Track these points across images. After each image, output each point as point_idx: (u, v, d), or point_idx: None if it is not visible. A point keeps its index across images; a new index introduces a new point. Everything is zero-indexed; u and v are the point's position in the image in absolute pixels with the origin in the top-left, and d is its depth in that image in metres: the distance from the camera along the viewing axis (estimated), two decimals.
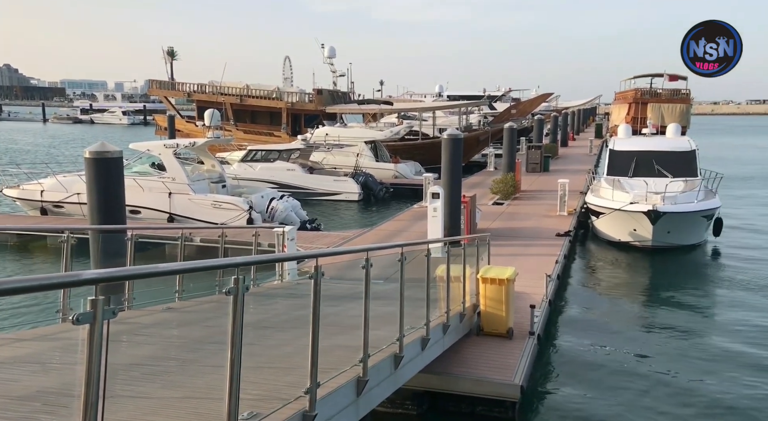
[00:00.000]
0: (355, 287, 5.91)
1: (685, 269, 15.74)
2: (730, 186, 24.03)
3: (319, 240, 16.24)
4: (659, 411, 8.07)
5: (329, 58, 41.68)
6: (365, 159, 29.46)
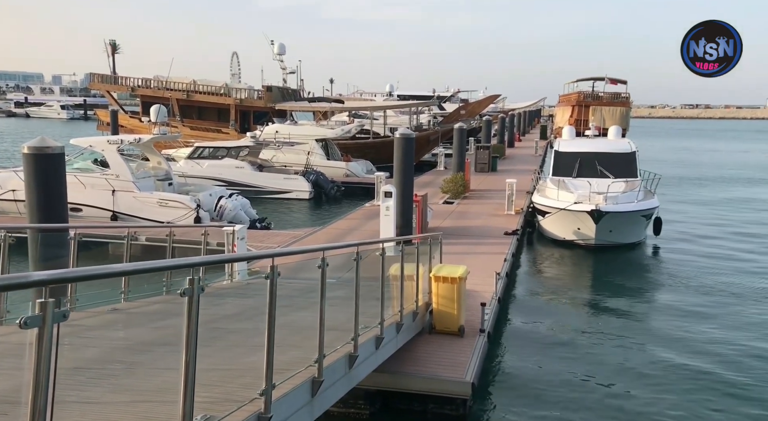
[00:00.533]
0: (307, 286, 5.87)
1: (626, 267, 16.36)
2: (667, 186, 25.13)
3: (269, 239, 16.04)
4: (606, 406, 8.36)
5: (279, 54, 41.16)
6: (316, 157, 29.28)
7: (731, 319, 12.00)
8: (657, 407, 8.29)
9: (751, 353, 10.27)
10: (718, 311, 12.49)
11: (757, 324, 11.71)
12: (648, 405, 8.34)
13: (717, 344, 10.67)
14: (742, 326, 11.59)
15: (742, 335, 11.10)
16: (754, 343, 10.73)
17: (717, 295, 13.54)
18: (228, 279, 9.68)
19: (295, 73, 42.57)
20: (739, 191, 30.56)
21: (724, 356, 10.12)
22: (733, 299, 13.30)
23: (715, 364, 9.79)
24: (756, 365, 9.76)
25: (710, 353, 10.22)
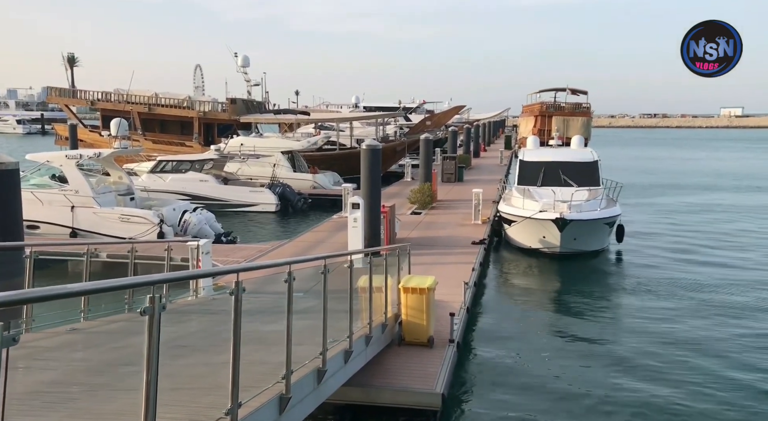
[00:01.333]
0: (274, 300, 5.77)
1: (591, 274, 16.62)
2: (629, 194, 25.71)
3: (235, 253, 15.81)
4: (575, 413, 8.42)
5: (243, 67, 40.94)
6: (282, 169, 29.06)
7: (694, 321, 12.27)
8: (628, 413, 8.38)
9: (717, 355, 10.49)
10: (681, 314, 12.76)
11: (720, 326, 11.99)
12: (618, 412, 8.42)
13: (682, 346, 10.87)
14: (706, 328, 11.85)
15: (706, 337, 11.35)
16: (720, 345, 10.98)
17: (680, 299, 13.85)
18: (193, 295, 9.47)
19: (259, 85, 42.39)
20: (698, 198, 31.47)
21: (690, 359, 10.31)
22: (695, 302, 13.61)
23: (680, 366, 9.97)
24: (721, 367, 9.95)
25: (676, 356, 10.41)
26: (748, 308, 13.26)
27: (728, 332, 11.73)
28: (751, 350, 10.76)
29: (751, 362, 10.25)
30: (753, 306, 13.42)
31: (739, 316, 12.72)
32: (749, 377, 9.64)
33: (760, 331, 11.81)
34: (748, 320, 12.46)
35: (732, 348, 10.84)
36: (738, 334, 11.60)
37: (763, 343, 11.12)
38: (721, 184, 37.60)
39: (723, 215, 25.91)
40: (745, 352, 10.68)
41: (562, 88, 54.77)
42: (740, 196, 32.00)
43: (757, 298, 14.01)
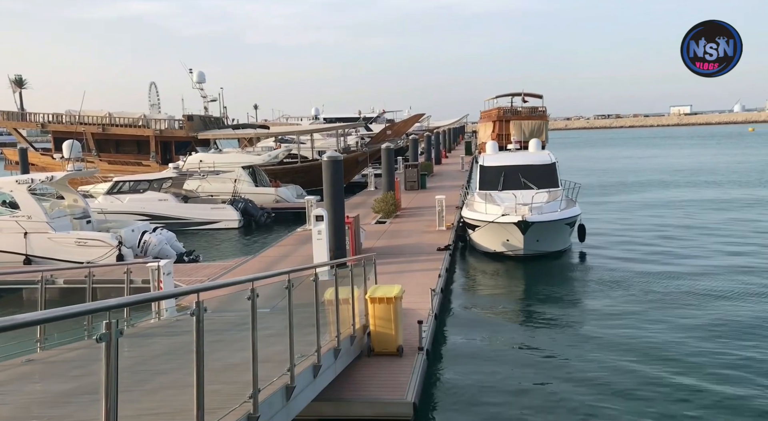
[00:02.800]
0: (240, 318, 5.68)
1: (555, 275, 16.87)
2: (588, 194, 26.29)
3: (198, 272, 15.53)
4: (546, 416, 8.47)
5: (198, 83, 40.49)
6: (244, 184, 28.76)
7: (658, 317, 12.52)
8: (598, 414, 8.47)
9: (682, 350, 10.71)
10: (645, 309, 13.04)
11: (682, 320, 12.27)
12: (588, 413, 8.51)
13: (648, 345, 11.06)
14: (668, 322, 12.13)
15: (670, 332, 11.62)
16: (683, 338, 11.24)
17: (643, 294, 14.15)
18: (155, 317, 9.25)
19: (216, 100, 41.95)
20: (654, 194, 32.38)
21: (655, 355, 10.48)
22: (658, 296, 13.92)
23: (648, 363, 10.11)
24: (688, 362, 10.10)
25: (642, 353, 10.56)
26: (711, 298, 13.66)
27: (691, 324, 12.04)
28: (712, 343, 11.07)
29: (714, 357, 10.53)
30: (714, 295, 13.85)
31: (701, 307, 13.07)
32: (715, 374, 9.89)
33: (720, 319, 12.16)
34: (710, 310, 12.82)
35: (695, 343, 11.09)
36: (699, 325, 11.92)
37: (721, 331, 11.46)
38: (675, 181, 38.78)
39: (679, 210, 26.70)
40: (707, 345, 10.97)
41: (517, 93, 55.71)
42: (694, 191, 33.04)
43: (716, 287, 14.44)
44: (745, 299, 13.65)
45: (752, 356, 10.29)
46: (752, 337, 11.22)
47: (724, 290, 14.30)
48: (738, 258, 17.46)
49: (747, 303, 13.32)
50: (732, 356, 10.29)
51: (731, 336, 11.30)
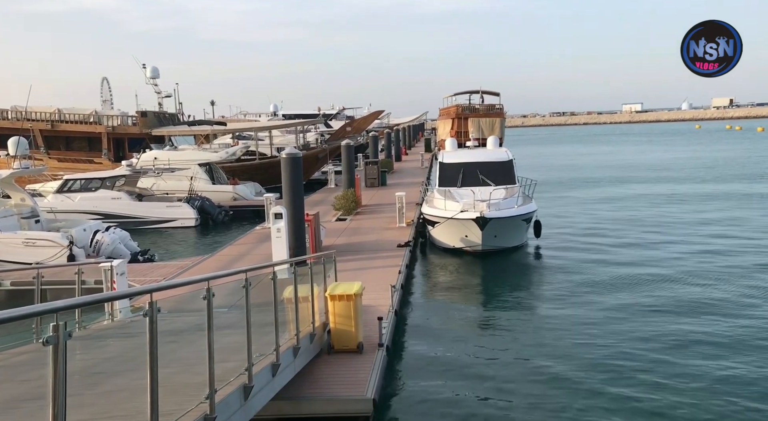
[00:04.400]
0: (197, 318, 5.59)
1: (512, 270, 17.17)
2: (543, 190, 26.82)
3: (153, 272, 15.19)
4: (505, 410, 8.61)
5: (152, 78, 39.59)
6: (200, 182, 28.25)
7: (612, 309, 12.86)
8: (556, 408, 8.66)
9: (636, 340, 11.03)
10: (599, 301, 13.40)
11: (637, 311, 12.65)
12: (546, 407, 8.69)
13: (603, 334, 11.37)
14: (622, 314, 12.48)
15: (625, 324, 11.95)
16: (637, 329, 11.59)
17: (597, 287, 14.52)
18: (109, 319, 9.02)
19: (171, 96, 41.08)
20: (608, 189, 33.26)
21: (611, 347, 10.74)
22: (612, 288, 14.32)
23: (604, 357, 10.32)
24: (644, 354, 10.38)
25: (599, 348, 10.80)
26: (659, 285, 14.19)
27: (642, 312, 12.44)
28: (664, 326, 11.48)
29: (670, 339, 10.92)
30: (663, 282, 14.42)
31: (651, 294, 13.55)
32: (671, 357, 10.25)
33: (669, 304, 12.62)
34: (660, 296, 13.29)
35: (649, 332, 11.45)
36: (651, 310, 12.36)
37: (671, 315, 11.90)
38: (628, 176, 39.91)
39: (631, 204, 27.53)
40: (655, 331, 11.37)
41: (475, 90, 56.48)
42: (647, 187, 34.08)
43: (665, 275, 14.98)
44: (693, 284, 14.33)
45: (705, 330, 10.91)
46: (700, 315, 11.98)
47: (673, 278, 14.92)
48: (684, 246, 18.23)
49: (695, 287, 14.01)
50: (683, 337, 10.80)
51: (681, 317, 11.96)
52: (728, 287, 14.08)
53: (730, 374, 9.39)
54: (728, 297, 13.34)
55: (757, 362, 9.82)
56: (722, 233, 20.41)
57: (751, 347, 10.46)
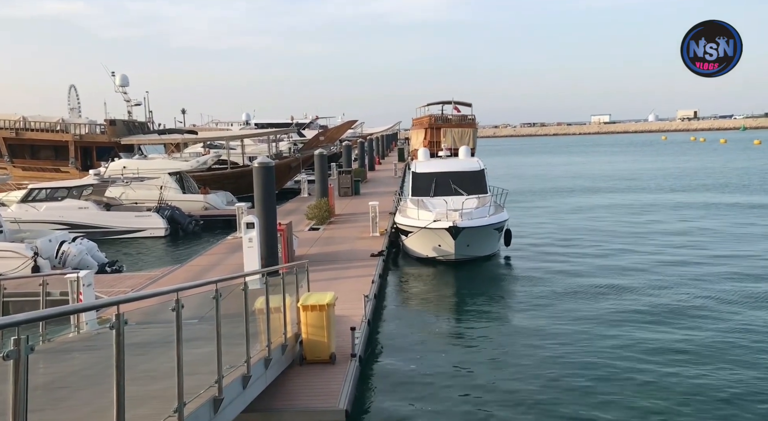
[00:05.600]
0: (166, 330, 5.51)
1: (485, 279, 17.26)
2: (514, 200, 27.13)
3: (121, 283, 14.89)
4: (479, 419, 8.62)
5: (121, 86, 39.06)
6: (170, 191, 27.87)
7: (583, 318, 12.99)
8: (530, 418, 8.69)
9: (607, 348, 11.16)
10: (570, 309, 13.55)
11: (607, 320, 12.80)
12: (519, 417, 8.72)
13: (574, 345, 11.44)
14: (593, 323, 12.62)
15: (595, 332, 12.09)
16: (608, 337, 11.73)
17: (567, 296, 14.67)
18: (75, 331, 8.80)
19: (141, 104, 40.56)
20: (578, 200, 33.75)
21: (583, 356, 10.82)
22: (581, 298, 14.45)
23: (576, 367, 10.39)
24: (615, 363, 10.47)
25: (571, 357, 10.89)
26: (627, 295, 14.39)
27: (612, 321, 12.62)
28: (631, 332, 11.66)
29: (638, 343, 11.09)
30: (631, 289, 14.65)
31: (621, 303, 13.75)
32: (639, 369, 10.40)
33: (638, 310, 12.84)
34: (626, 305, 13.50)
35: (620, 341, 11.56)
36: (621, 319, 12.54)
37: (640, 321, 12.10)
38: (598, 186, 40.63)
39: (601, 214, 27.99)
40: (628, 337, 11.55)
41: (448, 101, 57.02)
42: (616, 196, 34.71)
43: (632, 283, 15.23)
44: (662, 293, 14.56)
45: (675, 338, 11.08)
46: (669, 324, 12.22)
47: (643, 287, 15.14)
48: (653, 256, 18.54)
49: (664, 297, 14.22)
50: (653, 345, 10.99)
51: (650, 325, 12.19)
52: (697, 295, 14.33)
53: (701, 382, 9.56)
54: (697, 305, 13.59)
55: (726, 370, 10.03)
56: (690, 242, 20.82)
57: (719, 355, 10.68)
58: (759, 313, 12.94)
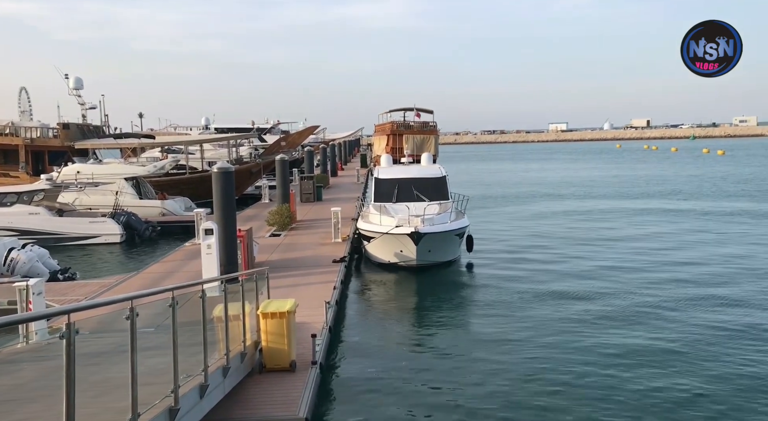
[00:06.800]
0: (121, 339, 5.36)
1: (446, 284, 17.36)
2: (475, 206, 27.45)
3: (74, 291, 14.43)
4: None
5: (76, 89, 38.01)
6: (126, 197, 27.21)
7: (543, 322, 13.20)
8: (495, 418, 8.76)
9: (567, 351, 11.37)
10: (530, 315, 13.73)
11: (566, 324, 13.03)
12: (487, 417, 8.78)
13: (534, 349, 11.59)
14: (552, 327, 12.83)
15: (554, 336, 12.29)
16: (567, 341, 11.94)
17: (527, 301, 14.87)
18: (23, 341, 8.48)
19: (96, 108, 39.52)
20: (538, 206, 34.35)
21: (542, 361, 10.96)
22: (541, 303, 14.69)
23: (536, 371, 10.53)
24: (575, 367, 10.65)
25: (531, 362, 11.02)
26: (585, 299, 14.70)
27: (571, 325, 12.86)
28: (591, 336, 11.91)
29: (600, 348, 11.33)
30: (587, 295, 15.00)
31: (579, 307, 14.04)
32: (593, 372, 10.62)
33: (594, 313, 13.14)
34: (584, 309, 13.80)
35: (579, 345, 11.79)
36: (580, 323, 12.81)
37: (596, 323, 12.37)
38: (557, 193, 41.41)
39: (561, 220, 28.54)
40: (579, 338, 11.78)
41: (410, 108, 57.32)
42: (575, 202, 35.44)
43: (593, 289, 15.58)
44: (615, 296, 14.94)
45: (634, 342, 11.40)
46: (627, 327, 12.61)
47: (601, 291, 15.51)
48: (611, 261, 19.02)
49: (621, 300, 14.62)
50: (612, 349, 11.25)
51: (610, 329, 12.50)
52: (653, 300, 14.65)
53: (656, 385, 9.81)
54: (653, 309, 13.90)
55: (681, 372, 10.34)
56: (647, 248, 21.21)
57: (675, 356, 11.00)
58: (714, 316, 13.37)
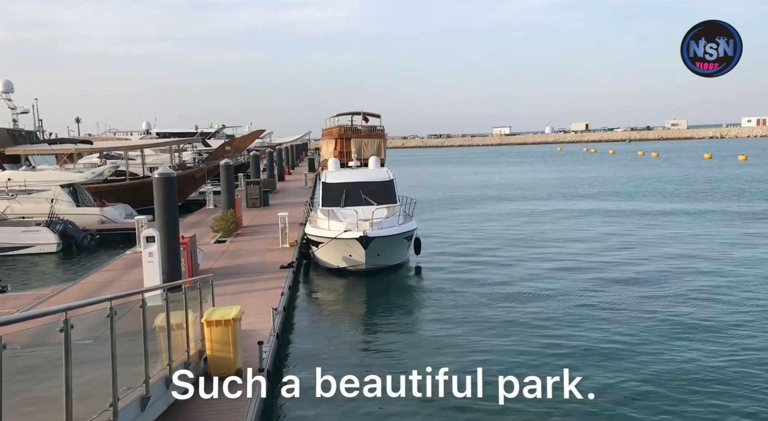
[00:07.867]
0: (57, 353, 5.14)
1: (395, 288, 17.43)
2: (423, 209, 27.71)
3: (5, 304, 13.73)
4: None
5: (5, 93, 36.23)
6: (63, 204, 26.12)
7: (491, 325, 13.37)
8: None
9: (516, 354, 11.55)
10: (479, 318, 13.90)
11: (515, 326, 13.24)
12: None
13: (484, 353, 11.72)
14: (501, 329, 13.02)
15: (501, 337, 12.52)
16: (516, 343, 12.14)
17: (475, 304, 15.02)
18: None
19: (29, 113, 37.78)
20: (484, 208, 34.95)
21: (493, 363, 11.05)
22: (489, 305, 14.89)
23: (486, 374, 10.58)
24: (526, 370, 10.80)
25: (480, 365, 11.05)
26: (534, 301, 15.04)
27: (520, 327, 13.12)
28: (535, 336, 12.19)
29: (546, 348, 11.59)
30: (535, 294, 15.37)
31: (528, 309, 14.34)
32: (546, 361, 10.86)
33: (543, 313, 13.45)
34: (533, 311, 14.12)
35: (529, 346, 11.98)
36: (529, 325, 13.08)
37: (543, 324, 12.68)
38: (503, 195, 42.26)
39: (507, 222, 29.11)
40: (525, 342, 12.05)
41: (357, 112, 57.37)
42: (521, 204, 36.22)
43: (541, 291, 15.94)
44: (562, 296, 15.33)
45: (582, 344, 11.73)
46: (577, 327, 12.85)
47: (548, 292, 15.87)
48: (558, 262, 19.50)
49: (567, 300, 14.97)
50: (562, 350, 11.52)
51: (558, 330, 12.76)
52: (599, 299, 15.10)
53: (609, 382, 10.11)
54: (601, 308, 14.30)
55: (625, 369, 10.70)
56: (591, 248, 21.89)
57: (622, 354, 11.37)
58: (657, 314, 13.89)
